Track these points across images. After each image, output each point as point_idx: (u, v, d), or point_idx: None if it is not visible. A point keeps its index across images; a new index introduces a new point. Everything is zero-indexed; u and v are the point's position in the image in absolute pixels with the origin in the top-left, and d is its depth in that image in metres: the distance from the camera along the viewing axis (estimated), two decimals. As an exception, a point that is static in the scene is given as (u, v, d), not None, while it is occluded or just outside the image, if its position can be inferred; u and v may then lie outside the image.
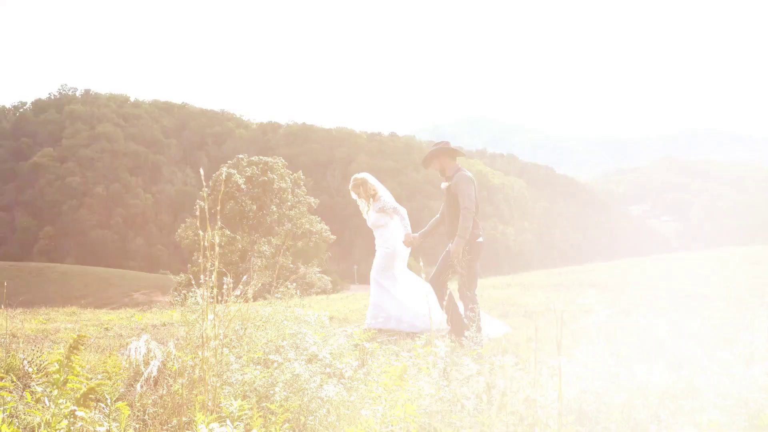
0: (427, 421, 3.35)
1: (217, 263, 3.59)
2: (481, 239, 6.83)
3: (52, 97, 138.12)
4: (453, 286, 7.09)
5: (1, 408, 2.81)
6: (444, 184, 6.90)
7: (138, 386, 3.67)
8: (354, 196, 7.70)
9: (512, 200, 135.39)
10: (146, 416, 3.48)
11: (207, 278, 3.63)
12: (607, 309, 5.51)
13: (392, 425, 3.11)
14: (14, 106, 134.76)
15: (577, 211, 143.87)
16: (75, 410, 2.55)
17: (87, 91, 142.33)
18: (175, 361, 3.89)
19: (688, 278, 12.15)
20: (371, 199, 7.57)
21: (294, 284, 6.28)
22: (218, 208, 3.89)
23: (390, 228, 7.47)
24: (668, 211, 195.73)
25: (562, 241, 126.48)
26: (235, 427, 2.85)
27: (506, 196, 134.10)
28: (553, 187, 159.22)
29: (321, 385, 3.65)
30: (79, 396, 2.77)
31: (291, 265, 36.93)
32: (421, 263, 4.75)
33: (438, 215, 7.15)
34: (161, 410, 3.49)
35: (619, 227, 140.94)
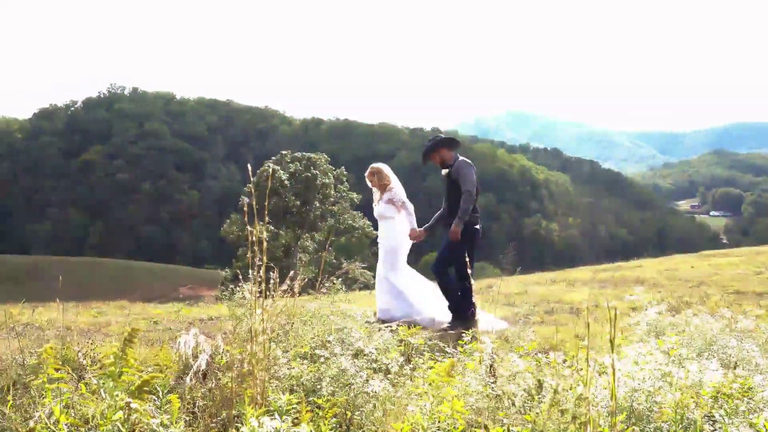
0: (474, 418, 3.33)
1: (264, 258, 3.63)
2: (478, 226, 6.90)
3: (102, 96, 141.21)
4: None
5: (59, 399, 2.89)
6: (444, 171, 7.03)
7: (187, 379, 3.72)
8: (368, 184, 7.78)
9: (556, 195, 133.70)
10: (196, 409, 3.53)
11: (255, 273, 3.67)
12: (656, 306, 5.41)
13: (439, 421, 3.11)
14: (66, 105, 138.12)
15: (623, 206, 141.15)
16: (130, 402, 2.61)
17: (135, 90, 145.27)
18: (224, 355, 3.94)
19: (739, 275, 11.85)
20: (383, 190, 7.62)
21: (340, 279, 6.31)
22: (265, 203, 3.93)
23: (396, 221, 7.50)
24: (717, 206, 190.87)
25: (607, 237, 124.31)
26: (283, 421, 2.88)
27: (550, 192, 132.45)
28: (598, 182, 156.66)
29: (367, 381, 3.65)
30: (133, 388, 2.83)
31: (334, 261, 37.10)
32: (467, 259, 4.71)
33: (442, 209, 7.23)
34: (210, 403, 3.54)
35: (667, 222, 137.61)
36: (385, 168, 7.70)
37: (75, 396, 3.08)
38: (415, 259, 7.09)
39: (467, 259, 6.94)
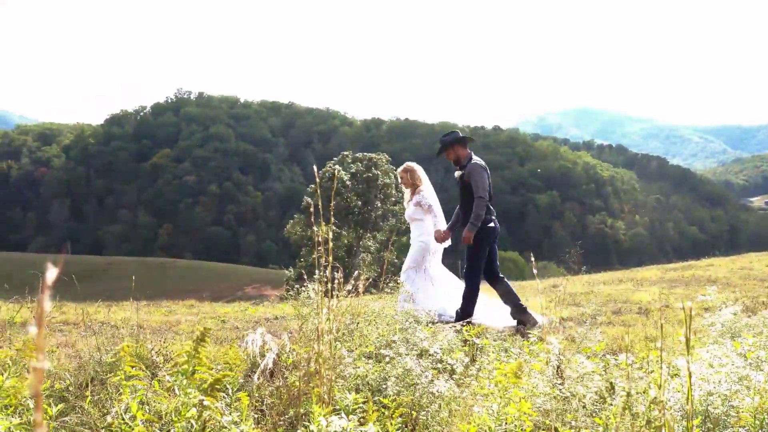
0: (542, 420, 3.28)
1: (330, 258, 3.66)
2: (491, 224, 6.91)
3: (169, 101, 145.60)
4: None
5: (135, 395, 2.99)
6: (457, 173, 7.06)
7: (255, 377, 3.78)
8: (399, 180, 7.90)
9: (621, 193, 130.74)
10: (264, 407, 3.59)
11: (321, 273, 3.71)
12: (730, 306, 5.21)
13: (506, 423, 3.07)
14: (135, 111, 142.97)
15: (693, 203, 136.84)
16: (203, 400, 2.67)
17: (200, 94, 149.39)
18: (290, 354, 3.99)
19: (819, 274, 11.32)
20: (414, 190, 7.71)
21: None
22: (330, 204, 3.97)
23: (426, 223, 7.59)
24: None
25: (676, 235, 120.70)
26: (350, 420, 2.90)
27: (615, 189, 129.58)
28: (665, 178, 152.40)
29: (432, 381, 3.65)
30: (205, 386, 2.90)
31: (396, 261, 37.14)
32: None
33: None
34: (278, 401, 3.59)
35: (739, 220, 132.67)
36: (419, 169, 7.80)
37: (149, 393, 3.18)
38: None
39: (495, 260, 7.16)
